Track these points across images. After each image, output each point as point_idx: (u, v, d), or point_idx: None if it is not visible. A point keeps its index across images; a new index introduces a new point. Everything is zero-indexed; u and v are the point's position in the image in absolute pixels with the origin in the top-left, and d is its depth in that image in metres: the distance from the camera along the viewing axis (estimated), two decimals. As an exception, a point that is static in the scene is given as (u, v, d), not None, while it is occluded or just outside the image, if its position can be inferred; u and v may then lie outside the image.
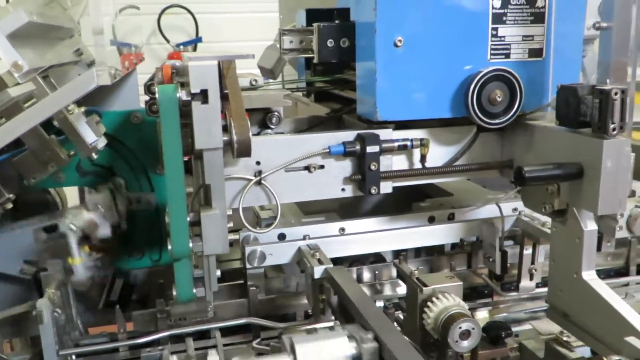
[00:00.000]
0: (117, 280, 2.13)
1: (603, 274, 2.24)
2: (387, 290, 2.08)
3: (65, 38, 2.14)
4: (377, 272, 2.10)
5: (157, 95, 1.40)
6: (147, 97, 1.87)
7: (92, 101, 1.98)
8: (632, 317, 1.42)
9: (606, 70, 1.48)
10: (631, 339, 1.23)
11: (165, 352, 1.81)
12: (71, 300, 1.90)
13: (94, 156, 1.81)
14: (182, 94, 1.41)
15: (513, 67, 1.68)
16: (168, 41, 5.42)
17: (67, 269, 1.82)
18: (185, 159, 1.53)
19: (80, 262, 1.80)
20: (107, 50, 1.58)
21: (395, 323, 1.73)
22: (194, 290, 1.60)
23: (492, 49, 1.69)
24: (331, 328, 1.47)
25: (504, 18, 1.68)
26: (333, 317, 1.81)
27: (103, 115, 2.00)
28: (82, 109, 1.73)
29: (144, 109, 1.94)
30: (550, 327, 1.78)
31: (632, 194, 1.75)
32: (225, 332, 1.93)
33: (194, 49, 5.41)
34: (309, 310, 1.99)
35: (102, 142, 1.81)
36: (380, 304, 1.93)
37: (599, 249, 2.15)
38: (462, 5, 1.65)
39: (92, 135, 1.71)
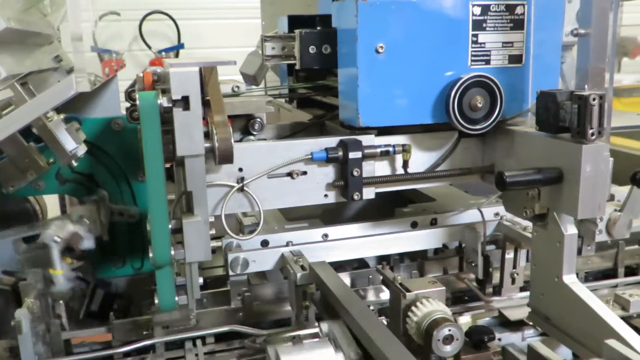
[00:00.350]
0: (98, 290, 2.11)
1: (591, 276, 2.27)
2: (371, 296, 2.08)
3: (44, 44, 2.12)
4: (360, 277, 2.09)
5: (137, 102, 1.40)
6: (128, 104, 1.86)
7: (72, 108, 1.96)
8: (612, 319, 1.43)
9: (584, 76, 1.50)
10: (611, 342, 1.24)
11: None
12: (51, 311, 1.87)
13: (74, 164, 1.80)
14: (164, 101, 1.40)
15: (493, 73, 1.70)
16: (150, 47, 5.39)
17: (48, 279, 1.80)
18: (167, 165, 1.52)
19: (62, 273, 1.78)
20: (87, 57, 1.57)
21: (378, 329, 1.73)
22: (176, 299, 1.59)
23: (472, 56, 1.71)
24: (315, 335, 1.48)
25: (484, 25, 1.70)
26: (316, 324, 1.80)
27: (83, 122, 1.98)
28: (62, 116, 1.72)
29: (125, 116, 1.93)
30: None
31: (611, 198, 1.77)
32: (208, 339, 1.91)
33: (176, 56, 5.38)
34: (293, 317, 1.98)
35: (82, 150, 1.79)
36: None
37: (579, 252, 2.19)
38: (443, 12, 1.67)
39: (72, 143, 1.69)
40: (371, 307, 1.95)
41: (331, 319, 1.62)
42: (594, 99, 1.40)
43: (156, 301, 1.57)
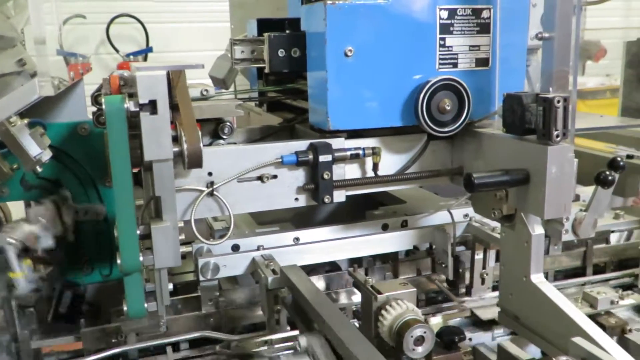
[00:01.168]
0: (65, 293, 2.06)
1: (561, 274, 2.31)
2: (343, 299, 2.08)
3: (7, 47, 2.07)
4: (332, 280, 2.10)
5: (104, 106, 1.37)
6: (94, 108, 1.83)
7: (37, 113, 1.92)
8: (579, 318, 1.46)
9: (549, 79, 1.53)
10: (577, 339, 1.27)
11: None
12: (16, 320, 1.83)
13: (39, 169, 1.76)
14: (130, 105, 1.38)
15: (461, 76, 1.72)
16: (117, 51, 5.32)
17: (10, 284, 1.75)
18: (135, 170, 1.50)
19: (22, 275, 1.73)
20: (51, 60, 1.54)
21: (350, 331, 1.73)
22: (146, 305, 1.57)
23: (440, 59, 1.72)
24: (286, 339, 1.47)
25: (451, 28, 1.72)
26: (288, 328, 1.80)
27: (48, 127, 1.94)
28: (25, 120, 1.68)
29: (92, 120, 1.90)
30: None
31: (577, 198, 1.81)
32: (179, 346, 1.89)
33: (145, 59, 5.32)
34: (265, 322, 1.97)
35: (46, 155, 1.75)
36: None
37: (547, 252, 2.23)
38: (411, 15, 1.68)
39: (36, 148, 1.65)
40: (344, 310, 1.95)
41: (304, 324, 1.62)
42: (558, 101, 1.42)
43: (125, 308, 1.55)
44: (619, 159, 1.68)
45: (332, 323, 1.42)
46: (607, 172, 1.66)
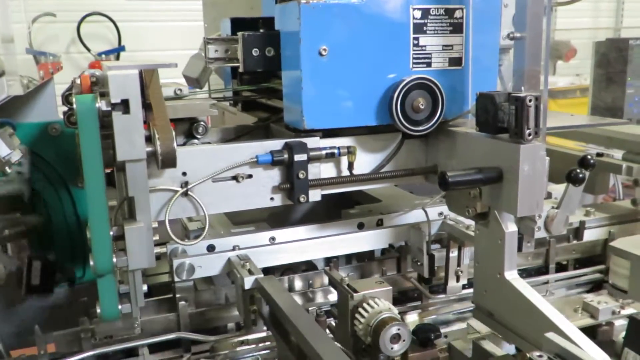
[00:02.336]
0: (34, 262, 2.00)
1: (525, 273, 2.33)
2: (319, 298, 2.09)
3: (-26, 46, 2.02)
4: (309, 280, 2.10)
5: (75, 106, 1.35)
6: (65, 108, 1.80)
7: (6, 112, 1.88)
8: (552, 314, 1.48)
9: (521, 78, 1.55)
10: (550, 335, 1.28)
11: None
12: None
13: (8, 170, 1.73)
14: (102, 104, 1.37)
15: (434, 75, 1.73)
16: (89, 50, 5.24)
17: None
18: (108, 171, 1.48)
19: None
20: (19, 59, 1.51)
21: (327, 330, 1.73)
22: (120, 307, 1.55)
23: (414, 58, 1.73)
24: (262, 339, 1.47)
25: (425, 28, 1.73)
26: (265, 328, 1.80)
27: (18, 127, 1.90)
28: (-6, 120, 1.65)
29: (63, 120, 1.87)
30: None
31: (549, 195, 1.84)
32: (155, 348, 1.87)
33: (117, 58, 5.26)
34: (241, 322, 1.96)
35: (16, 156, 1.72)
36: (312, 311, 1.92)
37: (519, 249, 2.25)
38: (385, 15, 1.69)
39: (5, 149, 1.62)
40: (320, 309, 1.95)
41: (281, 337, 1.61)
42: (530, 100, 1.44)
43: (98, 311, 1.52)
44: (589, 157, 1.71)
45: (309, 336, 1.41)
46: (578, 170, 1.69)
